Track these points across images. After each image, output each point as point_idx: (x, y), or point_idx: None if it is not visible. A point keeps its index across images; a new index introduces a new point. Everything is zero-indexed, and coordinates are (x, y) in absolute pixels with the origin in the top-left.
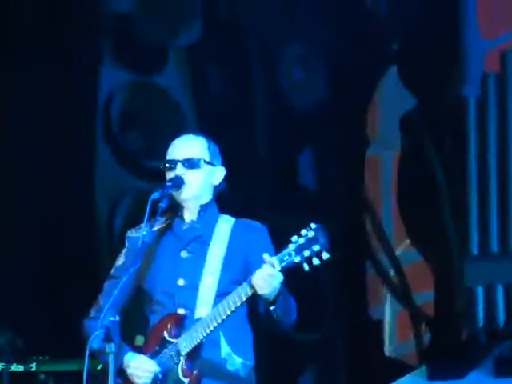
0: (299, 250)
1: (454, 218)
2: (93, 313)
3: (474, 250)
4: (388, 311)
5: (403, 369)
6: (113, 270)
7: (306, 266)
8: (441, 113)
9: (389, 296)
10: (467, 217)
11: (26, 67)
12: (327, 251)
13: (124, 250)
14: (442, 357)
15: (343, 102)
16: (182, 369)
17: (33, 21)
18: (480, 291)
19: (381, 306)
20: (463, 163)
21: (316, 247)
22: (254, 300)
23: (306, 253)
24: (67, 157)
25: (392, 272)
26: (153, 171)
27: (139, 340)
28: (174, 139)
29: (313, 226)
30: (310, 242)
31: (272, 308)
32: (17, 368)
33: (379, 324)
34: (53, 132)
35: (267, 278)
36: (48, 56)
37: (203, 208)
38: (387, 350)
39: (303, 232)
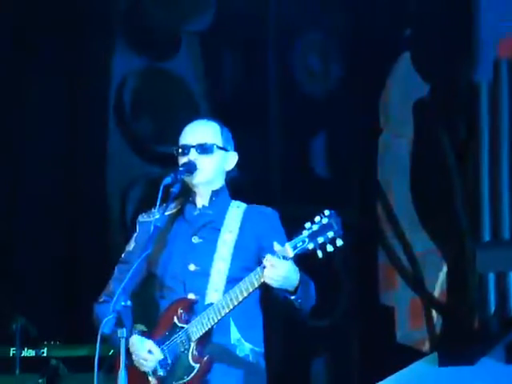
0: (313, 236)
1: (466, 205)
2: (103, 297)
3: (486, 237)
4: (400, 297)
5: (415, 355)
6: (123, 255)
7: (319, 253)
8: (453, 98)
9: (401, 282)
10: (479, 203)
11: (40, 53)
12: (341, 238)
13: (135, 235)
14: (453, 343)
15: (356, 89)
16: (193, 354)
17: (46, 6)
18: (492, 278)
19: (393, 292)
20: (475, 149)
21: (330, 234)
22: (271, 288)
23: (320, 239)
24: (79, 142)
25: (405, 259)
26: (165, 157)
27: (138, 328)
28: (186, 125)
29: (327, 212)
30: (324, 228)
31: (293, 298)
32: (28, 353)
33: (391, 310)
34: (65, 118)
35: (279, 273)
36: (61, 41)
37: (215, 193)
38: (399, 336)
39: (317, 219)
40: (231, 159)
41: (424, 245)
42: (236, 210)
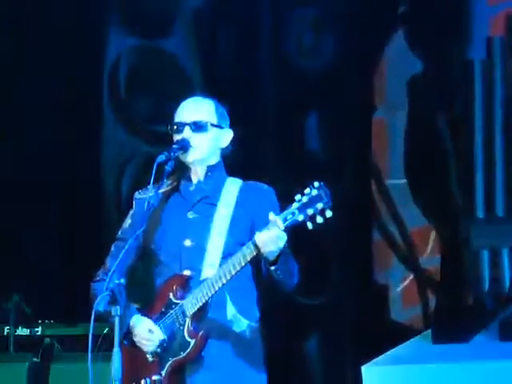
0: (303, 208)
1: (460, 182)
2: (100, 275)
3: (480, 214)
4: (394, 275)
5: (409, 332)
6: (120, 232)
7: (309, 225)
8: (447, 76)
9: (395, 260)
10: (473, 180)
11: (33, 34)
12: (330, 209)
13: (131, 212)
14: (447, 320)
15: (350, 65)
16: (188, 330)
17: None
18: (486, 255)
19: (387, 269)
20: (469, 126)
21: (319, 205)
22: (258, 261)
23: (310, 211)
24: (74, 121)
25: (398, 236)
26: (160, 135)
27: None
28: (180, 103)
29: (316, 184)
30: (313, 200)
31: (273, 268)
32: (22, 332)
33: (385, 288)
34: (60, 97)
35: (274, 238)
36: (55, 21)
37: (210, 169)
38: (393, 313)
39: (306, 191)
40: (226, 136)
41: (418, 222)
42: (232, 186)
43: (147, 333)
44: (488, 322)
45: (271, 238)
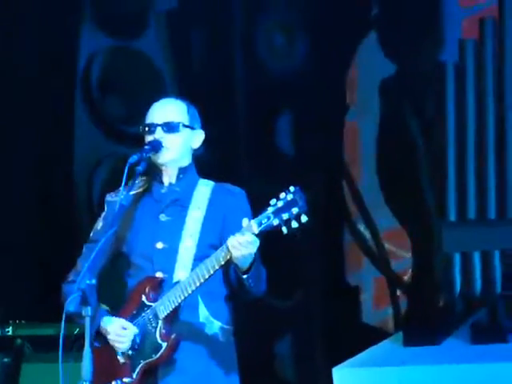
0: (278, 212)
1: (432, 184)
2: (71, 276)
3: (452, 217)
4: (365, 277)
5: (380, 335)
6: (92, 234)
7: (284, 229)
8: (419, 78)
9: (366, 262)
10: (445, 183)
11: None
12: (306, 214)
13: (103, 214)
14: (418, 323)
15: (322, 68)
16: (160, 332)
17: None
18: (457, 258)
19: (358, 271)
20: (442, 128)
21: (295, 210)
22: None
23: (285, 216)
24: (46, 122)
25: (370, 239)
26: (132, 136)
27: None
28: (153, 104)
29: (291, 189)
30: (288, 204)
31: (245, 277)
32: None
33: (356, 290)
34: (32, 97)
35: (247, 243)
36: (26, 20)
37: (182, 171)
38: (364, 315)
39: (282, 195)
40: (198, 137)
41: (389, 224)
42: (204, 188)
43: (121, 329)
44: (459, 325)
45: (244, 243)
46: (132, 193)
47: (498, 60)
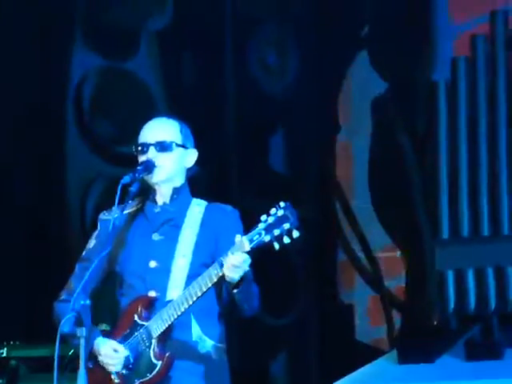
0: (269, 229)
1: (425, 202)
2: (64, 295)
3: (445, 234)
4: (359, 295)
5: (374, 353)
6: (84, 253)
7: (276, 245)
8: (411, 96)
9: (360, 280)
10: (438, 200)
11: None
12: (297, 229)
13: (95, 233)
14: (412, 341)
15: (314, 85)
16: (154, 352)
17: (7, 4)
18: (451, 275)
19: (352, 290)
20: (434, 146)
21: (286, 225)
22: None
23: (276, 232)
24: (38, 141)
25: (363, 256)
26: (124, 156)
27: (102, 327)
28: (144, 124)
29: (282, 204)
30: (279, 220)
31: (235, 291)
32: None
33: (350, 308)
34: (23, 117)
35: (239, 260)
36: (20, 41)
37: (176, 191)
38: (358, 333)
39: (272, 211)
40: (191, 156)
41: (382, 242)
42: (197, 208)
43: (112, 352)
44: (453, 343)
45: (236, 260)
46: (125, 212)
47: (489, 77)
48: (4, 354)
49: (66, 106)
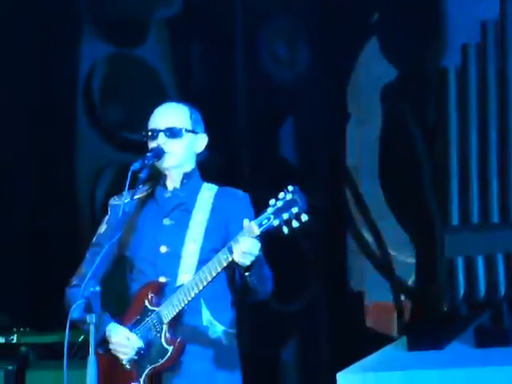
0: (278, 213)
1: (435, 189)
2: (75, 281)
3: (455, 221)
4: (369, 282)
5: (384, 340)
6: (94, 238)
7: (285, 229)
8: (421, 83)
9: (370, 267)
10: (448, 187)
11: (8, 41)
12: (306, 213)
13: (106, 218)
14: (422, 328)
15: (324, 74)
16: (166, 337)
17: None
18: (460, 262)
19: (362, 277)
20: (444, 134)
21: (295, 209)
22: (233, 267)
23: (285, 216)
24: (48, 129)
25: (373, 243)
26: (134, 143)
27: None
28: (155, 110)
29: (290, 188)
30: (288, 204)
31: (247, 274)
32: None
33: (360, 295)
34: (34, 105)
35: (248, 245)
36: (29, 29)
37: (186, 176)
38: (368, 320)
39: (281, 195)
40: (201, 141)
41: (393, 229)
42: (207, 193)
43: (125, 340)
44: (463, 329)
45: (245, 246)
46: (136, 197)
47: (500, 63)
48: (14, 341)
49: (76, 93)
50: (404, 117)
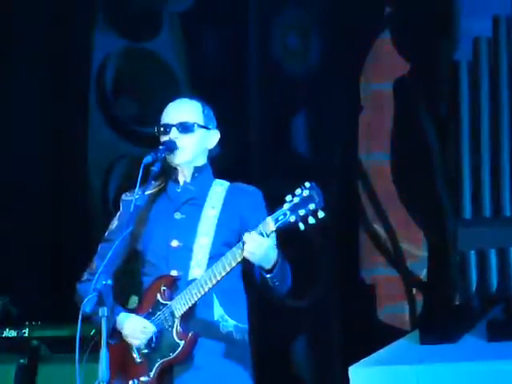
0: (294, 209)
1: (447, 183)
2: (86, 275)
3: (467, 215)
4: (381, 275)
5: (396, 333)
6: (107, 233)
7: (301, 226)
8: (433, 76)
9: (382, 260)
10: (460, 181)
11: (21, 35)
12: (323, 210)
13: (118, 213)
14: (434, 321)
15: (337, 66)
16: (177, 331)
17: None
18: (473, 256)
19: (374, 270)
20: (456, 127)
21: (311, 206)
22: (250, 265)
23: (302, 212)
24: (61, 122)
25: (385, 237)
26: (146, 137)
27: (133, 301)
28: (167, 105)
29: (307, 184)
30: (305, 200)
31: (269, 276)
32: (9, 333)
33: (372, 288)
34: (47, 98)
35: (259, 242)
36: (42, 22)
37: (198, 170)
38: (380, 314)
39: (298, 191)
40: (213, 137)
41: (404, 222)
42: (219, 188)
43: (140, 326)
44: (475, 323)
45: (257, 241)
46: (147, 193)
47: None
48: (26, 334)
49: (88, 87)
50: (416, 110)
